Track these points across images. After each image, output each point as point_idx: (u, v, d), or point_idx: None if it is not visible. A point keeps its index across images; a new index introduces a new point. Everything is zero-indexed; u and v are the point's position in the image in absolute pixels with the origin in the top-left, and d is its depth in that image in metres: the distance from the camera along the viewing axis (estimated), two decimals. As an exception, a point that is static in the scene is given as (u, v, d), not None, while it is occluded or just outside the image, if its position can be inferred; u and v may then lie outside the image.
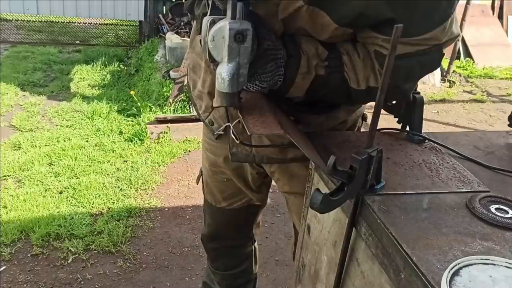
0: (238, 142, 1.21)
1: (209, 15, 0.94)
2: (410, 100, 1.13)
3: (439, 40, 0.94)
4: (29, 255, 2.40)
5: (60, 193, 2.94)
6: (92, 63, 5.67)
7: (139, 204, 2.89)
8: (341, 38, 0.99)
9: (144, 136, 3.68)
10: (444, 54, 0.99)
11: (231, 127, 1.20)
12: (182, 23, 5.81)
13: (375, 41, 0.96)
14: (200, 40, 0.99)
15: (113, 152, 3.51)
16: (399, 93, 1.07)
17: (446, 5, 0.90)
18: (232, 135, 1.21)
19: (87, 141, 3.66)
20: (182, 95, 4.05)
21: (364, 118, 1.32)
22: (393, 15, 0.87)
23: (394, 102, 1.19)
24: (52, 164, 3.26)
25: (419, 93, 1.15)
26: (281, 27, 0.98)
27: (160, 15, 6.25)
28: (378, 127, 0.82)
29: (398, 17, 0.86)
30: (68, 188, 2.97)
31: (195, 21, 1.22)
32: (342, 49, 0.99)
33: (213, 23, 0.91)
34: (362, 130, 1.33)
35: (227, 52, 0.88)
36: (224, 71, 0.90)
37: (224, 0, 0.88)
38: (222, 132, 1.28)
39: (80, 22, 6.86)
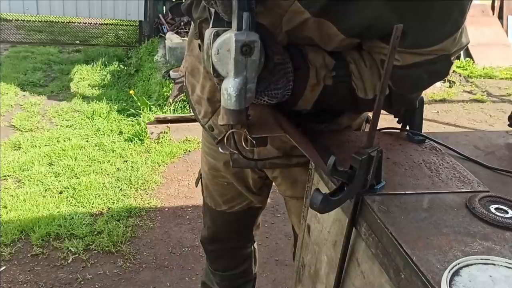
0: (238, 152, 1.18)
1: (212, 27, 0.89)
2: (415, 107, 1.13)
3: (449, 51, 0.92)
4: (29, 255, 2.40)
5: (60, 193, 2.94)
6: (92, 63, 5.67)
7: (139, 204, 2.89)
8: (347, 47, 0.97)
9: (144, 136, 3.68)
10: (453, 63, 0.97)
11: (234, 134, 1.17)
12: (182, 23, 5.82)
13: (382, 50, 0.94)
14: (199, 45, 0.95)
15: (113, 152, 3.51)
16: (405, 101, 1.06)
17: (458, 14, 0.87)
18: (233, 142, 1.18)
19: (87, 141, 3.66)
20: (182, 95, 4.06)
21: (368, 121, 1.31)
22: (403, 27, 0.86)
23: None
24: (52, 164, 3.26)
25: (419, 93, 1.15)
26: (284, 38, 0.95)
27: (160, 15, 6.26)
28: (378, 127, 0.82)
29: (408, 29, 0.83)
30: (68, 188, 2.97)
31: (192, 24, 1.19)
32: (349, 58, 0.98)
33: (217, 35, 0.85)
34: (364, 130, 1.32)
35: (233, 66, 0.83)
36: (230, 86, 0.84)
37: (229, 11, 0.83)
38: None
39: (80, 22, 6.87)
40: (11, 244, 2.46)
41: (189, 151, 3.62)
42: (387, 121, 1.16)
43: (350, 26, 0.89)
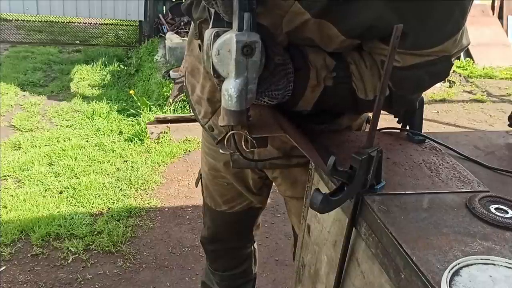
0: (239, 153, 1.17)
1: (212, 27, 0.89)
2: (416, 108, 1.13)
3: (450, 52, 0.92)
4: (29, 255, 2.40)
5: (60, 193, 2.94)
6: (92, 63, 5.68)
7: (139, 204, 2.90)
8: (348, 48, 0.97)
9: (144, 136, 3.68)
10: (453, 63, 0.97)
11: (235, 135, 1.17)
12: (182, 23, 5.82)
13: (382, 51, 0.94)
14: (199, 45, 0.94)
15: (113, 152, 3.51)
16: (405, 102, 1.06)
17: (459, 15, 0.87)
18: (233, 143, 1.18)
19: (87, 141, 3.66)
20: (182, 95, 4.06)
21: (368, 122, 1.31)
22: (403, 28, 0.85)
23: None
24: (52, 164, 3.26)
25: (419, 93, 1.15)
26: (285, 39, 0.95)
27: (160, 15, 6.26)
28: (378, 127, 0.82)
29: (409, 30, 0.83)
30: (68, 188, 2.97)
31: (192, 24, 1.18)
32: (349, 58, 0.97)
33: (217, 36, 0.84)
34: (364, 130, 1.32)
35: (234, 67, 0.82)
36: (231, 87, 0.83)
37: (230, 11, 0.83)
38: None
39: (80, 22, 6.87)
40: (11, 244, 2.46)
41: (189, 151, 3.62)
42: (387, 121, 1.16)
43: (351, 27, 0.89)
